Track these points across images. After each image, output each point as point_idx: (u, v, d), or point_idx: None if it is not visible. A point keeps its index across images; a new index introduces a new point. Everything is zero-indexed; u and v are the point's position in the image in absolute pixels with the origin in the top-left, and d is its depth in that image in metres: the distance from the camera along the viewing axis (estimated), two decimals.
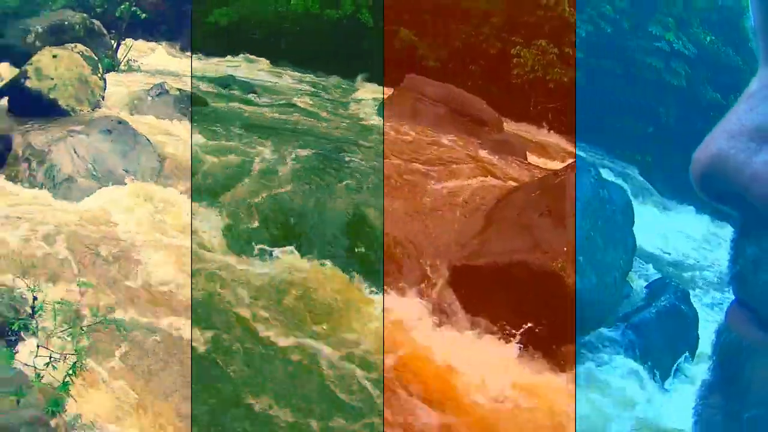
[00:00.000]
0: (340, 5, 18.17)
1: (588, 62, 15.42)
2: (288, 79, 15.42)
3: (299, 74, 15.98)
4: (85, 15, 14.09)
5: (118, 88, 9.57)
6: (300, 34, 18.58)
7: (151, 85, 9.42)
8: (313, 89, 14.40)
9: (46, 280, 4.56)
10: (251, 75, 14.46)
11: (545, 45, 15.24)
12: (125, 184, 6.45)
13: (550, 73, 15.18)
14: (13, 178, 6.16)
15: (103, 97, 8.63)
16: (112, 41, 14.42)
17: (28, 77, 8.15)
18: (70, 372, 3.42)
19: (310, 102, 12.09)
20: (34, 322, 3.84)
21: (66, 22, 13.24)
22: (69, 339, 3.68)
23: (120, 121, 7.36)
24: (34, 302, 3.91)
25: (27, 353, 3.65)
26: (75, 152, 6.56)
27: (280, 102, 11.63)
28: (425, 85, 11.79)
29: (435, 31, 17.65)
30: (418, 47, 17.11)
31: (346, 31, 18.09)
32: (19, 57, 11.01)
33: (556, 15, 15.46)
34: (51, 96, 8.00)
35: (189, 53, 17.24)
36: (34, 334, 3.81)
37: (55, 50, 8.73)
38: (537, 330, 5.69)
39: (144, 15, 16.70)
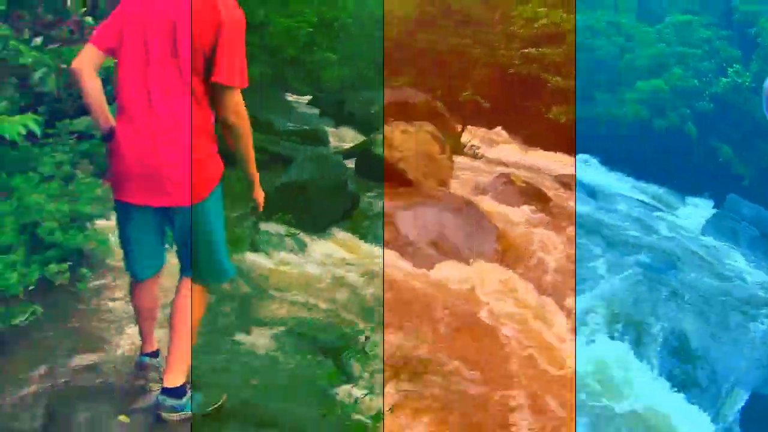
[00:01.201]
0: (666, 116, 19.90)
1: None
2: (621, 184, 16.42)
3: (632, 180, 17.22)
4: (428, 96, 15.47)
5: (462, 171, 10.50)
6: (632, 139, 19.97)
7: (496, 173, 10.47)
8: (642, 195, 15.22)
9: (376, 323, 4.85)
10: (587, 175, 15.14)
11: None
12: (467, 261, 6.61)
13: None
14: (355, 232, 6.74)
15: (450, 177, 9.42)
16: (456, 125, 15.28)
17: (377, 146, 8.95)
18: (386, 409, 3.74)
19: (641, 210, 12.50)
20: (363, 356, 4.19)
21: (409, 100, 14.68)
22: (389, 379, 4.27)
23: (467, 202, 7.88)
24: (366, 339, 4.32)
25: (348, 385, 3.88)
26: (420, 222, 6.93)
27: (616, 208, 11.97)
28: (742, 206, 12.99)
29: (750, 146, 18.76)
30: (732, 164, 18.41)
31: (672, 143, 19.42)
32: (363, 125, 13.60)
33: None
34: (399, 166, 8.61)
35: (531, 146, 18.70)
36: (361, 366, 4.13)
37: (404, 125, 9.46)
38: None
39: (486, 103, 17.63)
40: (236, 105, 2.46)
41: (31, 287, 3.47)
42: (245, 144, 2.56)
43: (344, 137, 13.22)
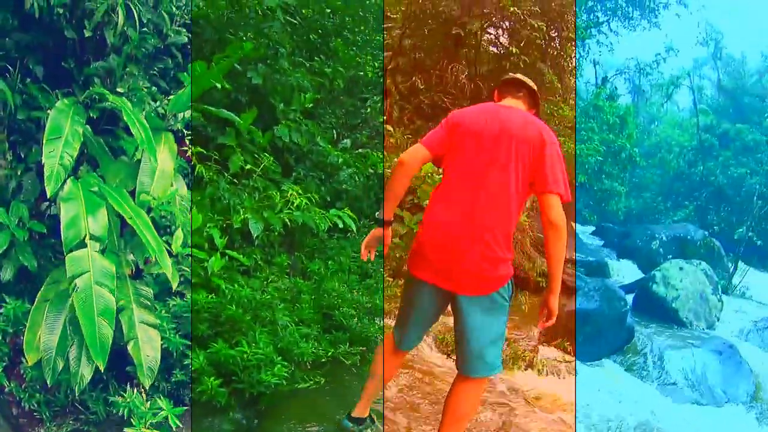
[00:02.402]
0: None
1: None
2: None
3: None
4: (706, 233, 15.42)
5: (729, 313, 10.15)
6: None
7: (761, 317, 10.09)
8: None
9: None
10: None
11: None
12: (721, 406, 6.63)
13: None
14: (624, 365, 6.93)
15: (718, 318, 9.39)
16: (729, 264, 15.12)
17: (656, 282, 9.25)
18: None
19: None
20: None
21: (689, 237, 14.67)
22: None
23: (730, 345, 7.75)
24: None
25: None
26: (686, 363, 7.01)
27: None
28: None
29: None
30: None
31: None
32: (642, 259, 13.71)
33: None
34: (673, 305, 8.94)
35: None
36: None
37: (682, 263, 9.81)
38: None
39: (760, 241, 18.00)
40: (560, 211, 2.75)
41: (323, 360, 4.01)
42: (562, 247, 2.77)
43: (624, 271, 13.26)
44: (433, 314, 3.01)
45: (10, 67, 3.04)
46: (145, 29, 3.50)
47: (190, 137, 4.31)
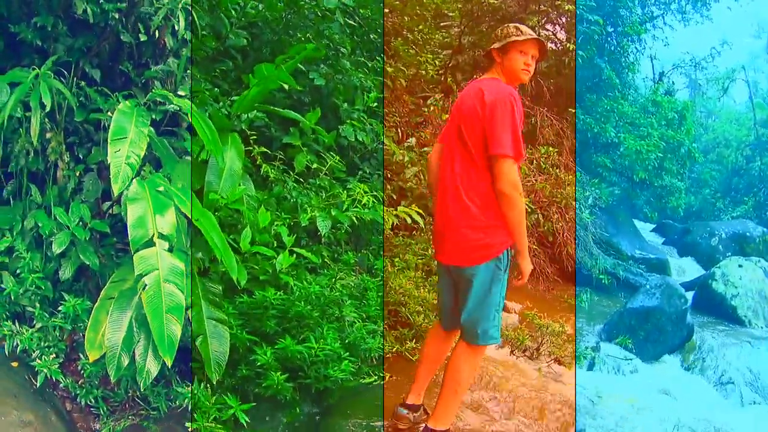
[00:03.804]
0: None
1: None
2: None
3: None
4: (765, 230, 15.14)
5: None
6: None
7: None
8: None
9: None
10: None
11: None
12: None
13: None
14: (684, 363, 6.93)
15: None
16: None
17: (715, 280, 9.36)
18: None
19: None
20: None
21: (748, 233, 14.74)
22: None
23: None
24: None
25: None
26: (744, 362, 7.07)
27: None
28: None
29: None
30: None
31: None
32: (702, 256, 13.79)
33: None
34: (732, 303, 8.99)
35: None
36: None
37: (741, 260, 9.95)
38: None
39: None
40: (508, 175, 2.75)
41: (388, 354, 3.98)
42: (516, 214, 2.80)
43: (685, 268, 13.18)
44: (448, 291, 3.14)
45: (64, 71, 3.13)
46: (204, 32, 3.56)
47: (254, 137, 4.37)
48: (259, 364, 3.19)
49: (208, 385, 2.98)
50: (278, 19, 5.47)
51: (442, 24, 9.29)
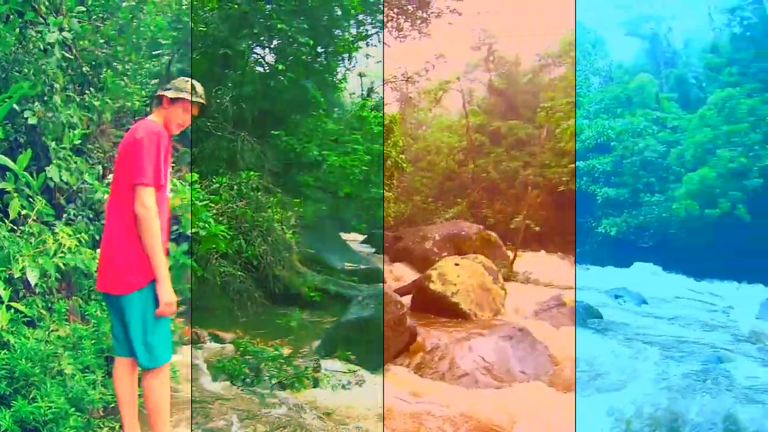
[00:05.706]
0: (716, 203, 19.64)
1: None
2: (678, 287, 15.68)
3: (692, 281, 16.76)
4: (481, 227, 15.52)
5: (516, 298, 10.40)
6: (685, 237, 20.17)
7: (548, 296, 10.34)
8: (695, 293, 14.91)
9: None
10: (642, 285, 14.44)
11: None
12: (520, 382, 6.59)
13: None
14: (412, 366, 6.90)
15: (503, 305, 9.53)
16: (509, 252, 15.20)
17: (432, 281, 9.26)
18: None
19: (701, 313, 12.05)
20: None
21: (463, 232, 14.81)
22: None
23: (520, 329, 7.76)
24: None
25: None
26: (475, 352, 7.02)
27: (671, 316, 11.53)
28: None
29: None
30: None
31: (725, 230, 19.01)
32: (416, 260, 13.89)
33: None
34: (453, 300, 8.93)
35: (582, 265, 18.73)
36: None
37: (458, 259, 9.99)
38: None
39: (537, 227, 18.77)
40: (143, 199, 3.00)
41: (112, 405, 3.92)
42: (149, 238, 3.02)
43: (400, 274, 13.72)
44: (116, 320, 3.29)
45: None
46: None
47: None
48: (3, 429, 3.18)
49: None
50: (6, 56, 5.20)
51: (154, 53, 9.23)
